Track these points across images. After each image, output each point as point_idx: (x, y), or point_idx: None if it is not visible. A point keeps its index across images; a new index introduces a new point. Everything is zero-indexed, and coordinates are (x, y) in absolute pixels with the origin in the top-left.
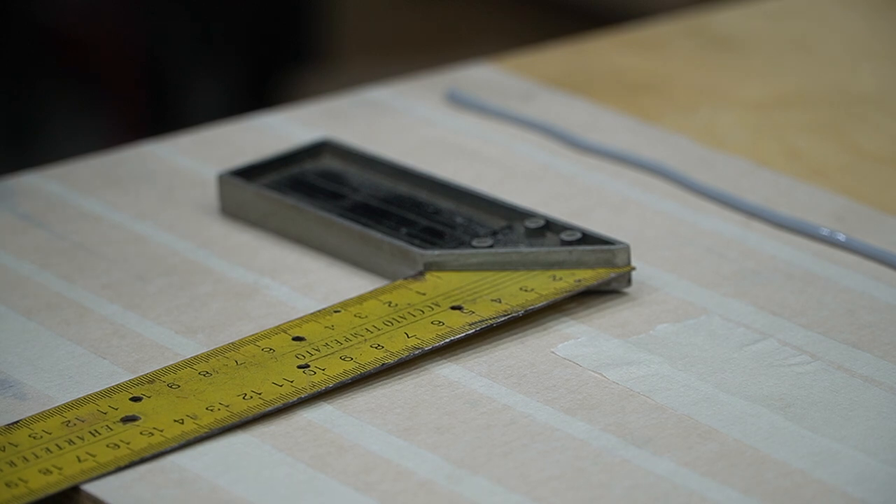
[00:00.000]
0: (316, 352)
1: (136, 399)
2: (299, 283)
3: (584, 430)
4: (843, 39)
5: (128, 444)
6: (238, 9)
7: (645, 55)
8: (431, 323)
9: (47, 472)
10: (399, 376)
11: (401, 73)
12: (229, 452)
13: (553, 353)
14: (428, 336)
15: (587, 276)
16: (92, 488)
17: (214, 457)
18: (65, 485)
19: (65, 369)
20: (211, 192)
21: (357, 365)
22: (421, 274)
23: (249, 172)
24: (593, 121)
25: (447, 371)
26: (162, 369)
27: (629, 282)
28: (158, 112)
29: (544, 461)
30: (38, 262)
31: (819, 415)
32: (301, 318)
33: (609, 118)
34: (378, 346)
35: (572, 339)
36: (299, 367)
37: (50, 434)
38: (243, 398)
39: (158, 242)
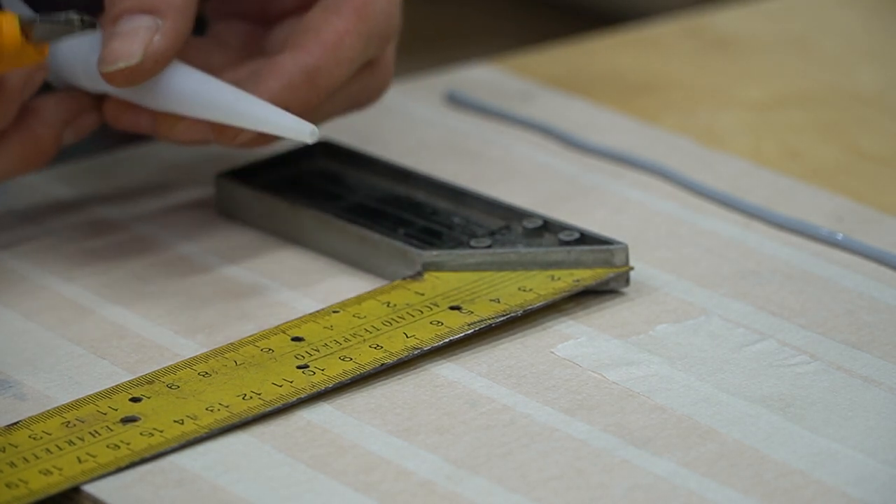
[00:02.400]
0: (315, 352)
1: (135, 400)
2: (299, 283)
3: (583, 431)
4: (843, 39)
5: (128, 444)
6: None
7: (645, 55)
8: (430, 323)
9: (48, 472)
10: (399, 376)
11: (401, 74)
12: (229, 452)
13: (553, 353)
14: (427, 336)
15: (585, 276)
16: (92, 489)
17: (214, 457)
18: (65, 485)
19: (64, 369)
20: (211, 193)
21: (356, 365)
22: (419, 274)
23: (246, 173)
24: (593, 121)
25: (447, 371)
26: (161, 370)
27: (627, 282)
28: None
29: (544, 461)
30: (37, 263)
31: (819, 415)
32: (300, 318)
33: (609, 118)
34: (377, 347)
35: (572, 339)
36: (298, 367)
37: (50, 435)
38: (243, 398)
39: (158, 242)
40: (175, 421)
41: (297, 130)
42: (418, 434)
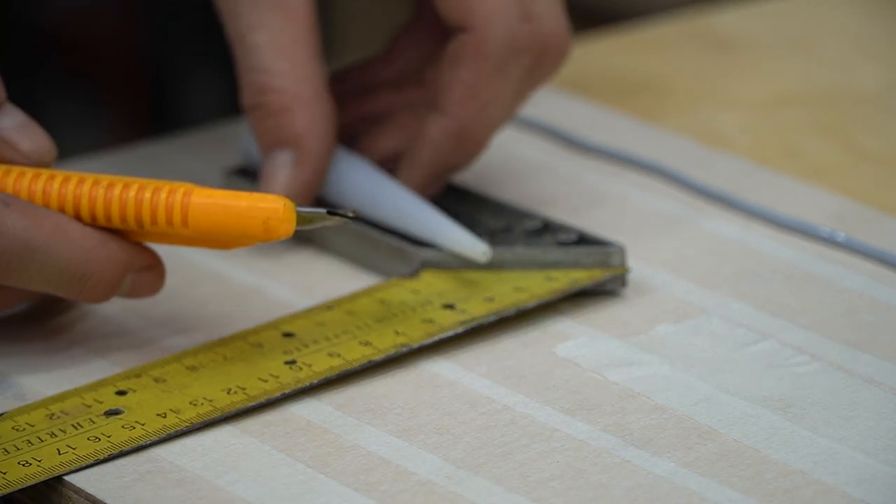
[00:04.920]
0: (304, 347)
1: (121, 393)
2: (299, 283)
3: (584, 431)
4: (843, 39)
5: (108, 437)
6: None
7: (645, 55)
8: (422, 321)
9: (26, 463)
10: (399, 377)
11: None
12: (229, 452)
13: (553, 353)
14: (417, 334)
15: (582, 277)
16: (92, 489)
17: (214, 457)
18: (42, 477)
19: (65, 370)
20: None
21: (344, 361)
22: (416, 272)
23: (255, 171)
24: (593, 121)
25: (447, 372)
26: (150, 363)
27: (624, 283)
28: (158, 112)
29: (544, 461)
30: None
31: (819, 415)
32: (293, 314)
33: (609, 118)
34: (366, 343)
35: (572, 339)
36: (286, 362)
37: (33, 427)
38: (227, 393)
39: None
40: (158, 414)
41: (470, 248)
42: (418, 434)
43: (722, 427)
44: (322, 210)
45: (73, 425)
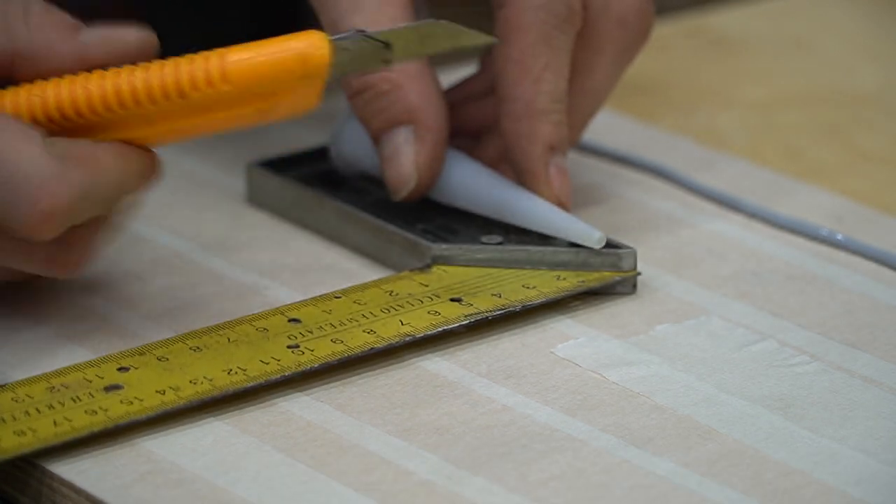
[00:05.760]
0: (309, 333)
1: (123, 369)
2: (300, 283)
3: (584, 431)
4: (843, 39)
5: (105, 411)
6: (238, 8)
7: (645, 55)
8: (428, 313)
9: (21, 433)
10: (399, 377)
11: None
12: (229, 452)
13: (553, 353)
14: (422, 325)
15: (591, 279)
16: (92, 489)
17: (214, 457)
18: (36, 446)
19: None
20: (213, 194)
21: (346, 348)
22: (427, 267)
23: (280, 164)
24: (593, 121)
25: (447, 371)
26: (154, 343)
27: (634, 287)
28: None
29: (544, 461)
30: None
31: (819, 415)
32: (301, 301)
33: (608, 118)
34: (370, 332)
35: (572, 339)
36: (289, 346)
37: (32, 398)
38: (228, 373)
39: (159, 243)
40: (157, 391)
41: (584, 236)
42: (418, 434)
43: (721, 427)
44: (356, 34)
45: (71, 398)
